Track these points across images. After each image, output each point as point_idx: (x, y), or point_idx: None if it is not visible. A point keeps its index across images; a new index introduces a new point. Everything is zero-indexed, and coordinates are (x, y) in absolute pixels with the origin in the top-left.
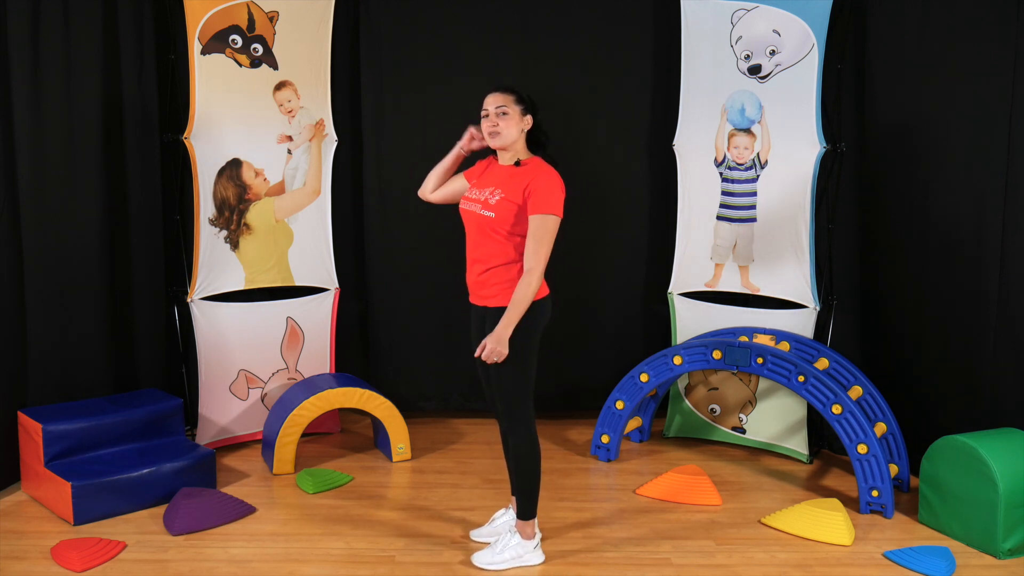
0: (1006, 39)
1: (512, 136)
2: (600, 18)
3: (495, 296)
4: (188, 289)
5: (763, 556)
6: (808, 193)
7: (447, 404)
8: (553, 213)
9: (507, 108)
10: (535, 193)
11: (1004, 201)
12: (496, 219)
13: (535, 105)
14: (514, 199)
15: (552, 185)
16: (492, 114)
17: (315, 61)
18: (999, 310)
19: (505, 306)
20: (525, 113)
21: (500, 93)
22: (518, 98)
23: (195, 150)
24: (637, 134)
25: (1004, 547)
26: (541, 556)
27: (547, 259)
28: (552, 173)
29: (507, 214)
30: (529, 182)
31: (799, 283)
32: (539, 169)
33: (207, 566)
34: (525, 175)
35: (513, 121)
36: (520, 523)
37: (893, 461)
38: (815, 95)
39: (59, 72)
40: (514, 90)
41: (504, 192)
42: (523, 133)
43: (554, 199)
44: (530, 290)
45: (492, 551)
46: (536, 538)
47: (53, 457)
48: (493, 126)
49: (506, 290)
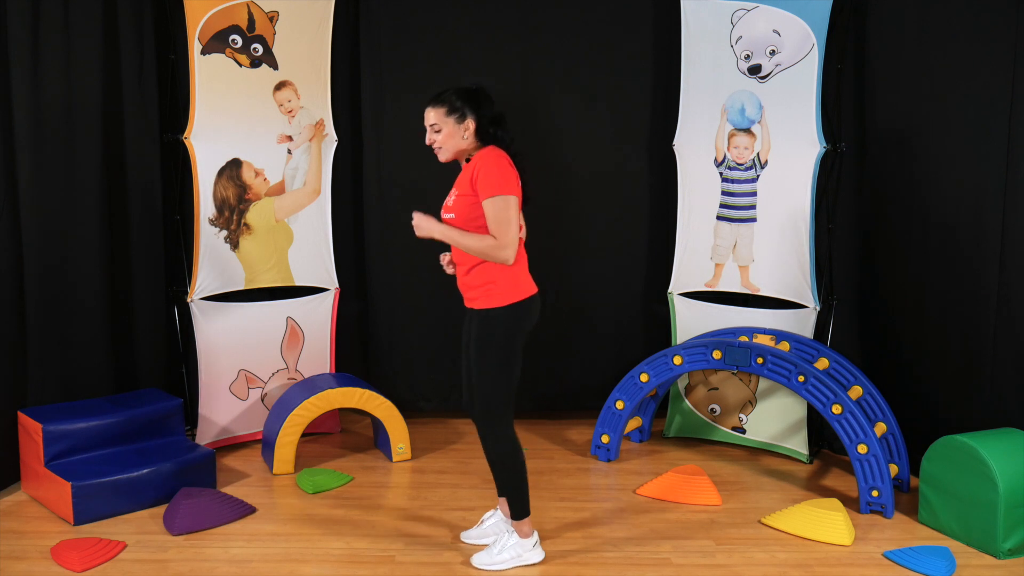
0: (1006, 39)
1: (456, 146)
2: (600, 18)
3: (478, 298)
4: (188, 289)
5: (763, 556)
6: (808, 193)
7: (447, 404)
8: (498, 194)
9: (439, 125)
10: (479, 181)
11: (1004, 201)
12: (456, 219)
13: (477, 102)
14: (466, 194)
15: (491, 168)
16: (428, 130)
17: (315, 61)
18: (999, 310)
19: (487, 308)
20: (462, 119)
21: (432, 108)
22: (449, 108)
23: (195, 150)
24: (637, 134)
25: (1004, 547)
26: (541, 554)
27: (513, 235)
28: (491, 157)
29: (464, 211)
30: (472, 173)
31: (799, 283)
32: (481, 158)
33: (207, 566)
34: (470, 168)
35: (449, 133)
36: (516, 523)
37: (893, 461)
38: (815, 95)
39: (59, 72)
40: (445, 100)
41: (458, 190)
42: (468, 137)
43: (496, 181)
44: (483, 246)
45: (491, 552)
46: (534, 536)
47: (53, 457)
48: (432, 142)
49: (488, 292)
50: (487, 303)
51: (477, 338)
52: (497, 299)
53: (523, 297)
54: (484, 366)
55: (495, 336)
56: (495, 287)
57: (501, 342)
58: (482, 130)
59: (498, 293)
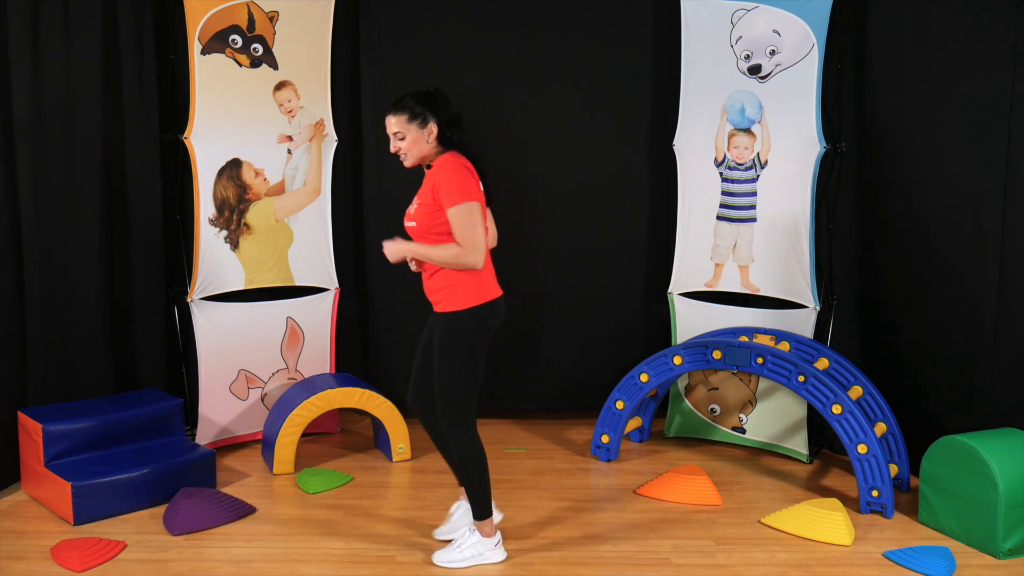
0: (1006, 39)
1: (421, 152)
2: (600, 18)
3: (442, 301)
4: (188, 289)
5: (763, 556)
6: (808, 193)
7: None
8: (460, 202)
9: (402, 132)
10: (440, 190)
11: (1004, 201)
12: (419, 227)
13: (436, 105)
14: (427, 201)
15: (450, 176)
16: (391, 139)
17: (315, 61)
18: (999, 310)
19: (450, 311)
20: (424, 124)
21: (393, 116)
22: (411, 115)
23: (195, 150)
24: (637, 134)
25: (1004, 547)
26: (502, 554)
27: (478, 240)
28: (449, 165)
29: (425, 219)
30: (433, 181)
31: (799, 283)
32: (440, 166)
33: (207, 566)
34: (431, 176)
35: (413, 139)
36: (477, 523)
37: (893, 461)
38: (815, 95)
39: (59, 72)
40: (405, 106)
41: (419, 199)
42: (432, 140)
43: (457, 189)
44: (450, 256)
45: (452, 549)
46: (496, 536)
47: (53, 457)
48: (396, 150)
49: (451, 295)
50: (450, 306)
51: (440, 340)
52: (460, 302)
53: (486, 300)
54: (446, 368)
55: (458, 339)
56: (457, 290)
57: (463, 345)
58: (442, 133)
59: (461, 296)
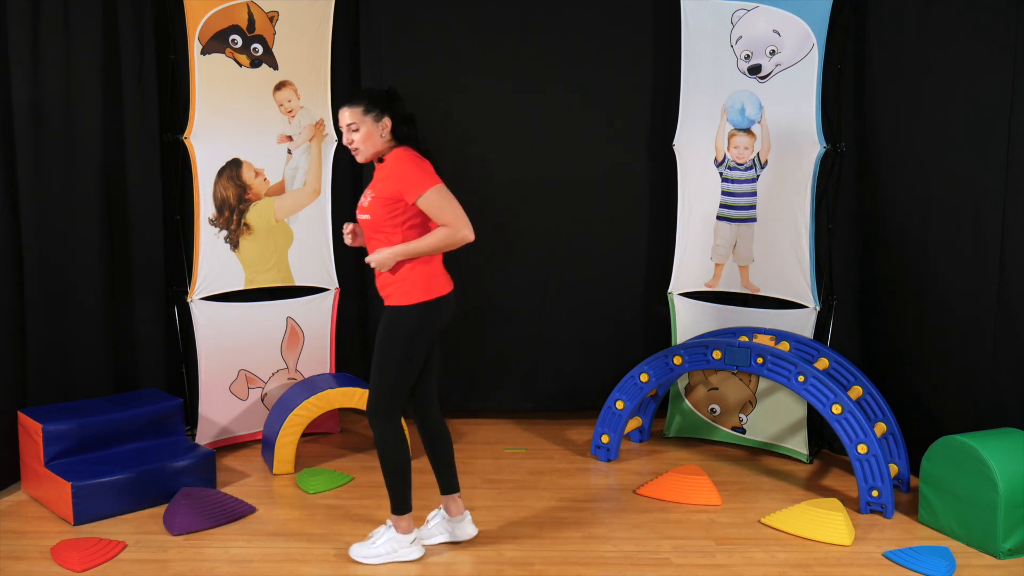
0: (1005, 39)
1: (374, 146)
2: (600, 18)
3: (392, 295)
4: (188, 289)
5: (763, 556)
6: (808, 193)
7: (447, 404)
8: (428, 189)
9: (356, 124)
10: (402, 183)
11: (1004, 201)
12: (372, 219)
13: (391, 101)
14: (381, 195)
15: (408, 167)
16: (345, 131)
17: (315, 61)
18: (999, 310)
19: (399, 305)
20: (379, 118)
21: (348, 108)
22: (366, 108)
23: (195, 150)
24: (637, 134)
25: (1004, 547)
26: (419, 551)
27: (461, 213)
28: (403, 157)
29: (379, 211)
30: (390, 176)
31: (799, 283)
32: (394, 160)
33: (207, 566)
34: (385, 169)
35: (368, 133)
36: (394, 518)
37: (893, 461)
38: (815, 95)
39: (59, 72)
40: (361, 99)
41: (373, 192)
42: (386, 135)
43: (418, 177)
44: (440, 239)
45: (367, 543)
46: (412, 533)
47: (53, 457)
48: (349, 143)
49: (401, 288)
50: (399, 300)
51: (381, 332)
52: (408, 297)
53: (436, 296)
54: (383, 361)
55: (399, 332)
56: (407, 284)
57: (405, 339)
58: (396, 129)
59: (410, 291)
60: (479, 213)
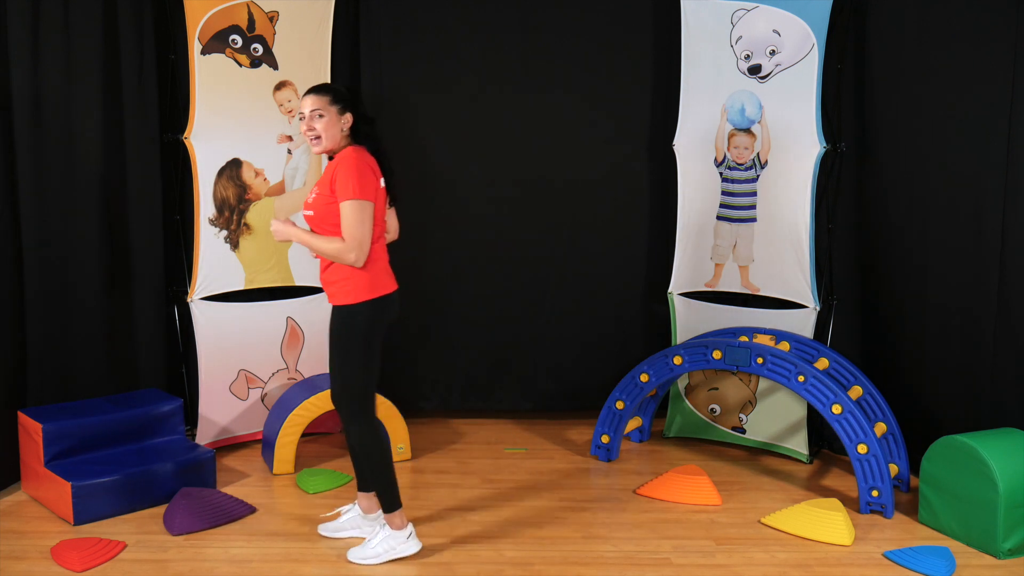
0: (1006, 39)
1: (334, 138)
2: (600, 18)
3: (337, 294)
4: (188, 289)
5: (763, 556)
6: (808, 193)
7: (447, 404)
8: (353, 199)
9: (322, 110)
10: (336, 182)
11: (1004, 201)
12: (315, 216)
13: (355, 100)
14: (325, 194)
15: (351, 172)
16: (308, 117)
17: (315, 61)
18: (999, 310)
19: (345, 303)
20: (343, 112)
21: (315, 95)
22: (334, 98)
23: (195, 150)
24: (637, 134)
25: (1004, 547)
26: (417, 545)
27: (362, 239)
28: (352, 160)
29: (322, 209)
30: (332, 173)
31: (799, 283)
32: (343, 158)
33: (207, 566)
34: (331, 167)
35: (331, 122)
36: (387, 516)
37: (893, 461)
38: (815, 95)
39: (59, 72)
40: (329, 90)
41: (318, 188)
42: (346, 129)
43: (353, 185)
44: (333, 250)
45: (365, 546)
46: (407, 528)
47: (53, 457)
48: (310, 129)
49: (346, 287)
50: (345, 299)
51: (335, 333)
52: (354, 295)
53: (380, 294)
54: (343, 361)
55: (354, 332)
56: (351, 283)
57: (359, 337)
58: (356, 127)
59: (355, 289)
60: (479, 213)
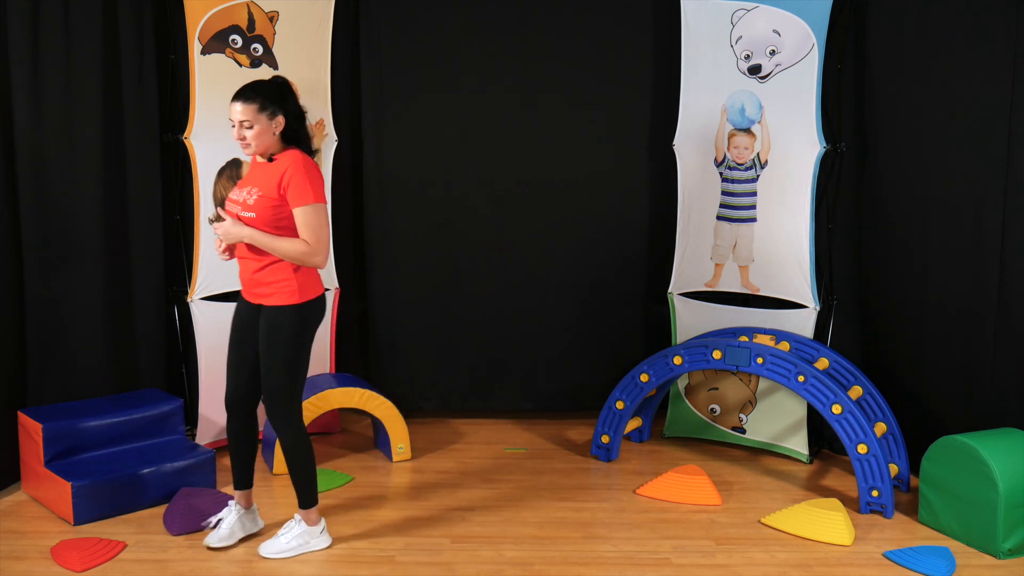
0: (1006, 39)
1: (266, 143)
2: (600, 18)
3: (272, 295)
4: (188, 289)
5: (763, 556)
6: (808, 193)
7: (447, 404)
8: (312, 203)
9: (251, 121)
10: (290, 188)
11: (1004, 201)
12: (257, 218)
13: (285, 98)
14: (270, 194)
15: (303, 175)
16: (237, 126)
17: (315, 61)
18: (999, 310)
19: (280, 305)
20: (273, 116)
21: (242, 104)
22: (261, 105)
23: (195, 150)
24: (637, 134)
25: (1004, 547)
26: (327, 540)
27: (326, 241)
28: (301, 163)
29: (266, 211)
30: (282, 176)
31: (799, 283)
32: (290, 162)
33: (207, 566)
34: (277, 170)
35: (261, 130)
36: (304, 512)
37: (893, 461)
38: (815, 95)
39: (59, 72)
40: (256, 96)
41: (261, 190)
42: (277, 134)
43: (310, 189)
44: (296, 252)
45: (277, 539)
46: (321, 523)
47: (53, 457)
48: (241, 139)
49: (282, 289)
50: (283, 300)
51: (270, 334)
52: (290, 297)
53: (314, 296)
54: (275, 362)
55: (289, 333)
56: (288, 285)
57: (293, 338)
58: (288, 127)
59: (291, 291)
60: (479, 213)
